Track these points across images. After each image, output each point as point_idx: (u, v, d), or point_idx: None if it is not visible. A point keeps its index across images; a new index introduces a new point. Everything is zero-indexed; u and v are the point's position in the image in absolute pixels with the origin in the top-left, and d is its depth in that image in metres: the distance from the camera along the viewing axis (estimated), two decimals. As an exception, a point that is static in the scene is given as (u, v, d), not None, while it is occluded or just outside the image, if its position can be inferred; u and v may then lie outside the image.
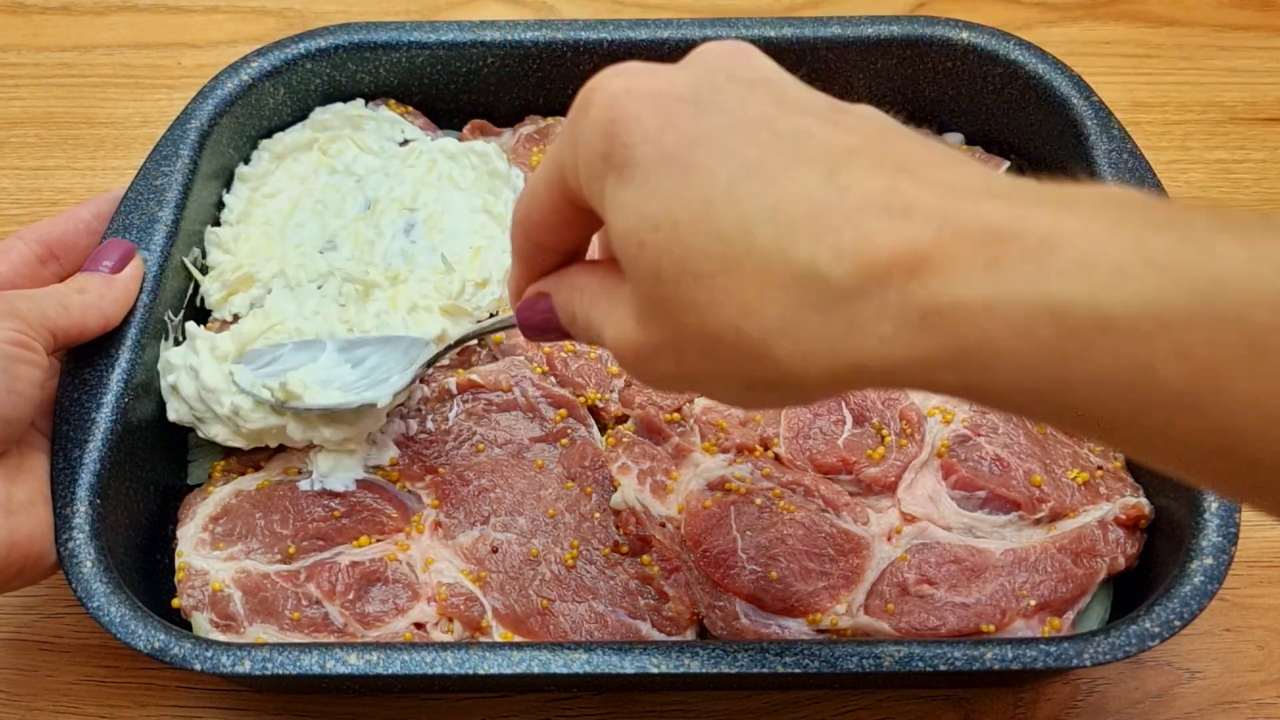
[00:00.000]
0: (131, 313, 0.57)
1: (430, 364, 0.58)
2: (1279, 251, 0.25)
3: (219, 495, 0.59)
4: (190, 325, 0.60)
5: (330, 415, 0.57)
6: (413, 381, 0.58)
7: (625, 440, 0.60)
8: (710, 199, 0.32)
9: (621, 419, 0.62)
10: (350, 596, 0.55)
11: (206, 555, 0.56)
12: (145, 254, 0.59)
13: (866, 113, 0.35)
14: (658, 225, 0.33)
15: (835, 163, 0.31)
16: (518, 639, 0.54)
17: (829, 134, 0.33)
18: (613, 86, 0.35)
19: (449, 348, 0.58)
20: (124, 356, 0.56)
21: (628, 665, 0.49)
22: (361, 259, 0.65)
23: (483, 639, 0.54)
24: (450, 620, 0.55)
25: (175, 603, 0.55)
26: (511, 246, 0.43)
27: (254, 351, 0.59)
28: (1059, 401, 0.28)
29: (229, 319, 0.64)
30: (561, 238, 0.41)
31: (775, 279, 0.31)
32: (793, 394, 0.34)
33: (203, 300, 0.65)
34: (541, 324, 0.42)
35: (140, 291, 0.58)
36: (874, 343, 0.30)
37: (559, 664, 0.49)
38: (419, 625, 0.55)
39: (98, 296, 0.55)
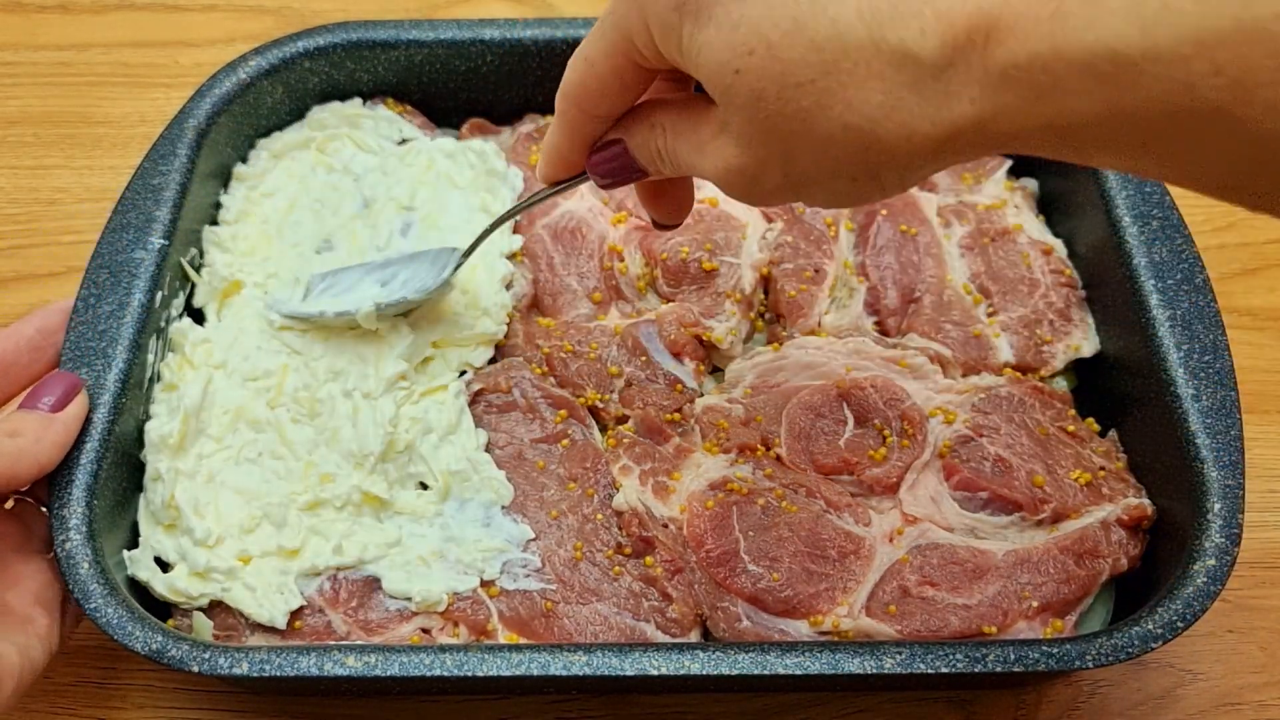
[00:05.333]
0: (130, 313, 0.57)
1: (468, 254, 0.59)
2: None
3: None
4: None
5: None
6: (453, 273, 0.59)
7: (626, 441, 0.60)
8: (797, 15, 0.35)
9: (622, 419, 0.62)
10: (353, 604, 0.55)
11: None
12: (143, 253, 0.59)
13: None
14: (751, 50, 0.36)
15: None
16: (524, 641, 0.54)
17: None
18: None
19: (483, 235, 0.58)
20: (120, 358, 0.56)
21: (627, 667, 0.48)
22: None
23: (490, 643, 0.54)
24: (456, 625, 0.54)
25: (170, 623, 0.54)
26: (557, 117, 0.45)
27: (310, 279, 0.63)
28: (1119, 130, 0.32)
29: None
30: (615, 104, 0.44)
31: (873, 69, 0.35)
32: (895, 177, 0.38)
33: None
34: (616, 170, 0.46)
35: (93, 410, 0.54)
36: (965, 106, 0.34)
37: (558, 666, 0.48)
38: (425, 631, 0.54)
39: (33, 440, 0.50)
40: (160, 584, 0.54)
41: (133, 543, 0.56)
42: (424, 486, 0.59)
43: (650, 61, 0.41)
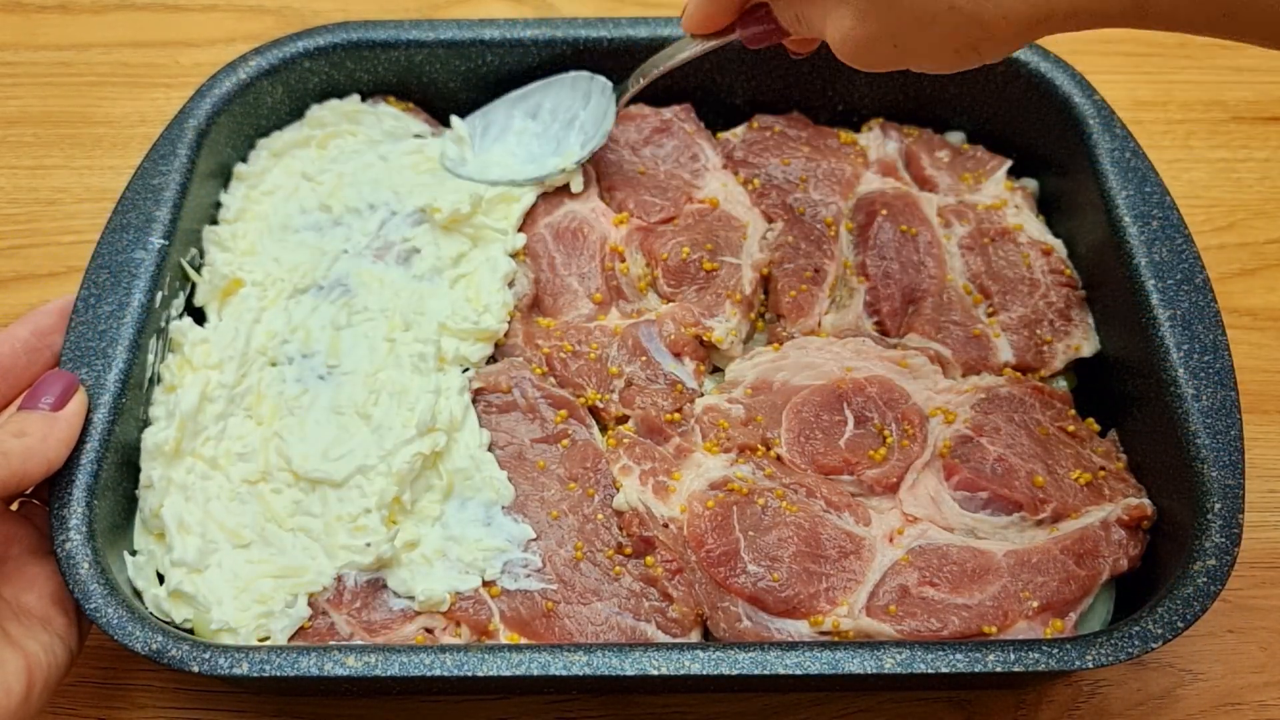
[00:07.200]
0: (130, 313, 0.57)
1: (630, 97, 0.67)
2: None
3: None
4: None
5: None
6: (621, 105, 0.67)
7: (626, 441, 0.60)
8: None
9: (622, 419, 0.62)
10: (357, 605, 0.55)
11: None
12: (143, 253, 0.59)
13: None
14: None
15: None
16: (525, 641, 0.54)
17: None
18: None
19: (650, 76, 0.65)
20: (120, 358, 0.56)
21: (627, 667, 0.48)
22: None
23: (490, 643, 0.54)
24: (458, 625, 0.54)
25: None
26: None
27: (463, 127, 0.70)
28: (1209, 7, 0.41)
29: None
30: None
31: None
32: (993, 48, 0.46)
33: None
34: (766, 32, 0.56)
35: (87, 421, 0.54)
36: None
37: (558, 666, 0.48)
38: (428, 630, 0.54)
39: (40, 439, 0.50)
40: (149, 599, 0.54)
41: (132, 542, 0.56)
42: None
43: None
